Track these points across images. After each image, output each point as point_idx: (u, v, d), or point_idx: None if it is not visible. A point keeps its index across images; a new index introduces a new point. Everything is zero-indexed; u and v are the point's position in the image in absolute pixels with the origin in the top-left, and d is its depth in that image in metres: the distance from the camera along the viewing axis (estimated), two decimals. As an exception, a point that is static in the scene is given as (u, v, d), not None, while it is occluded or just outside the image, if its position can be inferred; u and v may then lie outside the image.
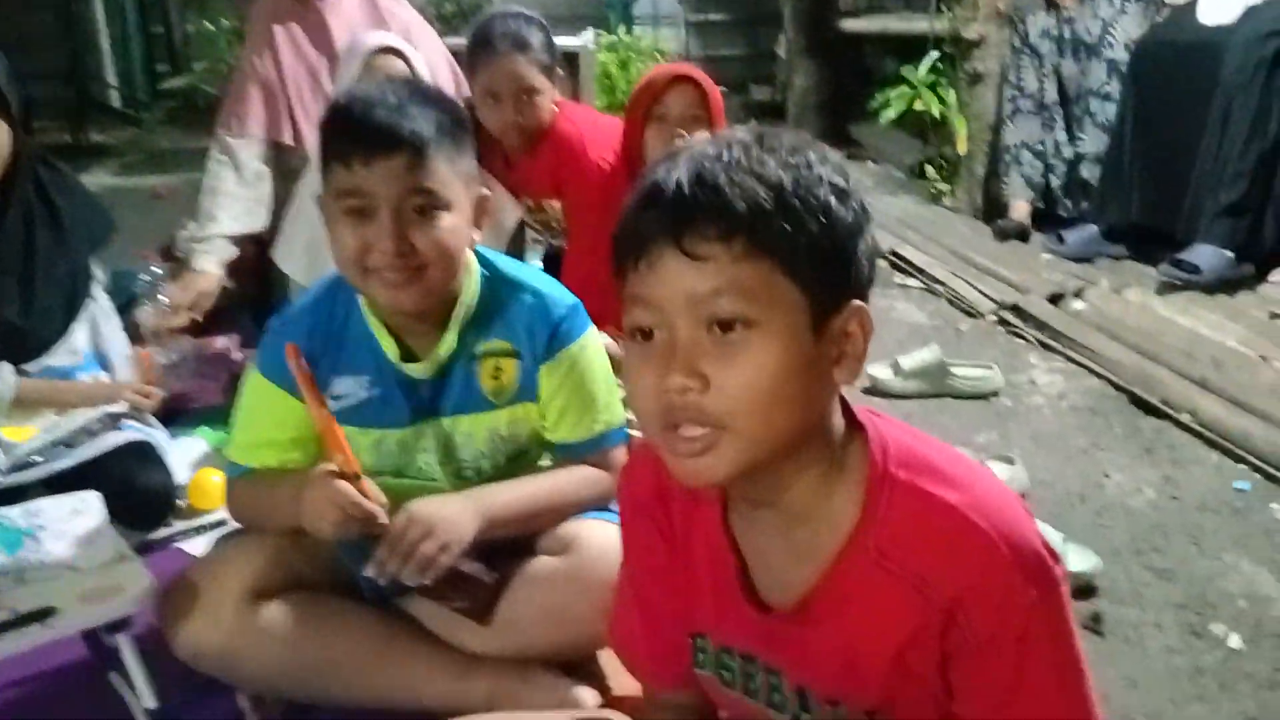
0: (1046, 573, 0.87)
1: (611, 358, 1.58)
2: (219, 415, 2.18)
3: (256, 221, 2.67)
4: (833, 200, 0.83)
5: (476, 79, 2.45)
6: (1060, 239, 3.62)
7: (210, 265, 2.61)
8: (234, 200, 2.64)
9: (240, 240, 2.67)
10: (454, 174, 1.37)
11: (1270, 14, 3.10)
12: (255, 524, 1.51)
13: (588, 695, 1.44)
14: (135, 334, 2.44)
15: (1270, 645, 1.70)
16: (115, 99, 7.11)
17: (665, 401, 0.83)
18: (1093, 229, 3.59)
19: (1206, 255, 3.09)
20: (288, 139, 2.68)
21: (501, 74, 2.40)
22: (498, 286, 1.48)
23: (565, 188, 2.49)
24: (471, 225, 1.41)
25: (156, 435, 2.09)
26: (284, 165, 2.71)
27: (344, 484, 1.30)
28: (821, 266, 0.83)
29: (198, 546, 1.94)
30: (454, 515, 1.35)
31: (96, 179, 5.39)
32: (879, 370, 2.68)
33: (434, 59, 2.68)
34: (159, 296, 2.54)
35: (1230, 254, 3.10)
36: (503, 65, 2.40)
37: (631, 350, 0.87)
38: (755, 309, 0.81)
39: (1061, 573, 0.89)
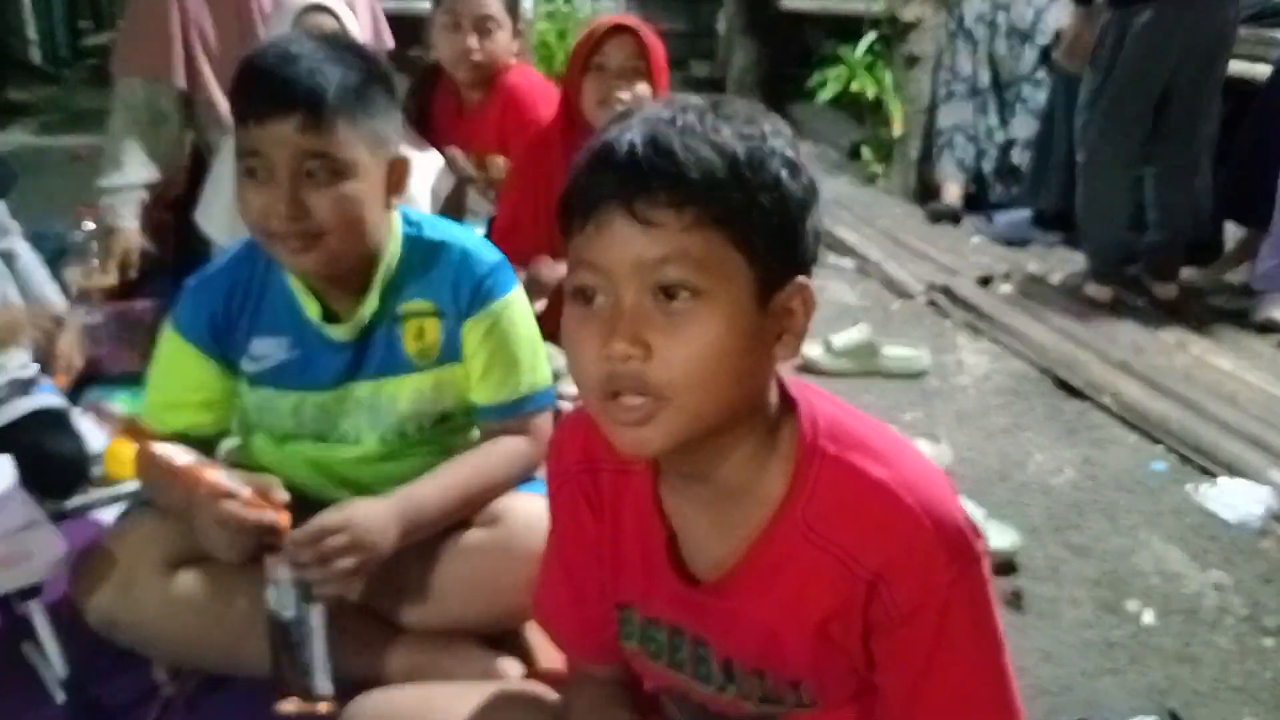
0: (968, 548, 0.88)
1: (539, 281, 1.56)
2: (137, 381, 2.12)
3: (160, 168, 2.53)
4: (784, 174, 0.82)
5: (438, 14, 2.47)
6: (990, 221, 3.69)
7: (130, 220, 2.50)
8: (134, 145, 2.50)
9: (156, 195, 2.57)
10: (358, 137, 1.31)
11: None
12: (156, 502, 1.45)
13: (511, 666, 1.43)
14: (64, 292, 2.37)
15: (1179, 620, 1.75)
16: (35, 56, 6.87)
17: (607, 369, 0.81)
18: (1023, 213, 3.65)
19: None
20: (180, 82, 2.50)
21: (464, 1, 2.44)
22: (421, 246, 1.45)
23: (510, 141, 2.47)
24: (384, 190, 1.37)
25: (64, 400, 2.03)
26: (196, 117, 2.57)
27: (228, 504, 1.25)
28: (770, 240, 0.82)
29: (113, 515, 1.89)
30: (379, 530, 1.30)
31: (14, 138, 5.22)
32: (810, 348, 2.70)
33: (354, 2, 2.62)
34: (90, 257, 2.46)
35: None
36: None
37: (573, 313, 0.85)
38: (703, 279, 0.80)
39: (983, 549, 0.90)
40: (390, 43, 2.54)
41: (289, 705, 1.25)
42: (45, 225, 2.96)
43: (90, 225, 2.48)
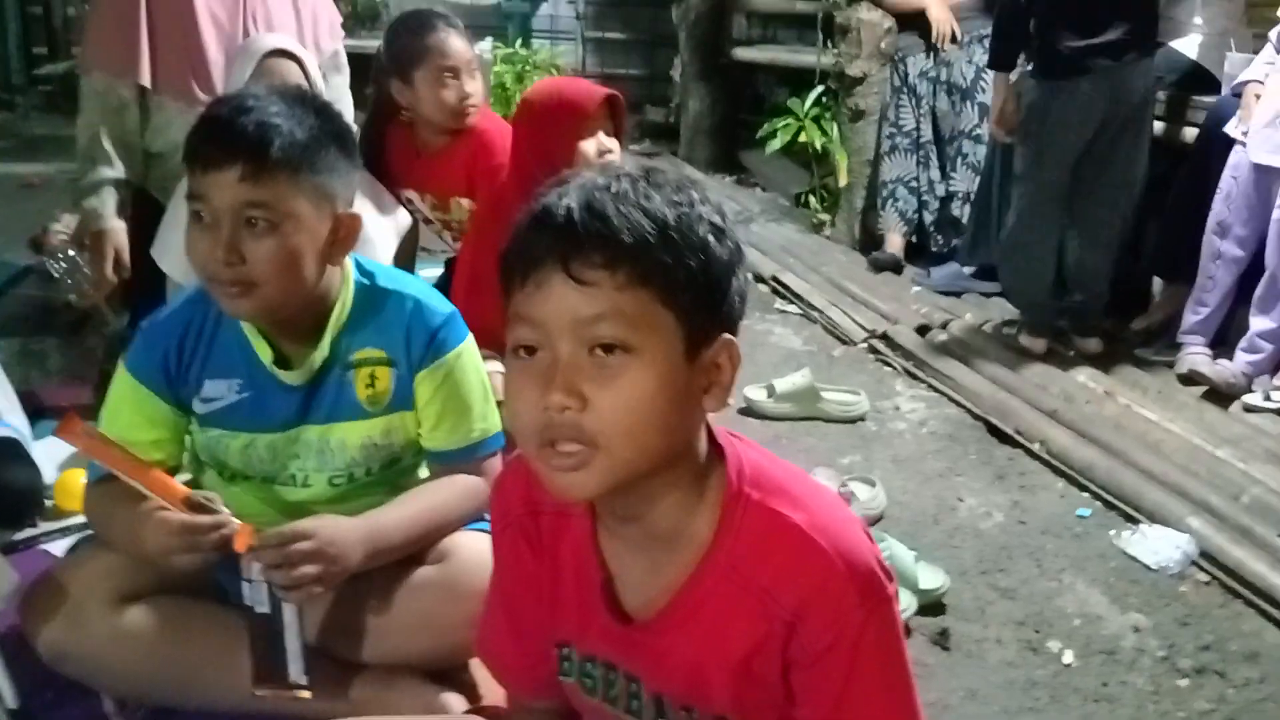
0: (879, 589, 0.95)
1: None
2: (88, 415, 2.14)
3: (134, 159, 2.47)
4: (711, 239, 0.89)
5: (423, 63, 2.47)
6: (928, 274, 3.81)
7: (113, 218, 2.43)
8: (104, 140, 2.43)
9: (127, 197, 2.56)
10: (300, 190, 1.35)
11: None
12: (104, 539, 1.49)
13: (455, 701, 1.47)
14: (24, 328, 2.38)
15: (1099, 661, 1.83)
16: (-13, 82, 6.82)
17: (544, 418, 0.86)
18: (956, 267, 3.79)
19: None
20: (143, 79, 2.42)
21: (455, 47, 2.49)
22: (374, 295, 1.50)
23: (478, 184, 2.50)
24: (328, 244, 1.40)
25: (22, 431, 2.04)
26: (149, 120, 2.50)
27: (170, 515, 1.32)
28: (697, 299, 0.88)
29: (63, 549, 1.90)
30: (345, 546, 1.35)
31: (-36, 165, 5.18)
32: (754, 392, 2.77)
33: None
34: (82, 271, 2.45)
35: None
36: (453, 40, 2.49)
37: (513, 366, 0.90)
38: (635, 335, 0.86)
39: (893, 591, 0.97)
40: (340, 41, 2.59)
41: (265, 690, 1.35)
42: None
43: (70, 251, 2.47)
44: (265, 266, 1.34)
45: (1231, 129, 2.93)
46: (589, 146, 2.08)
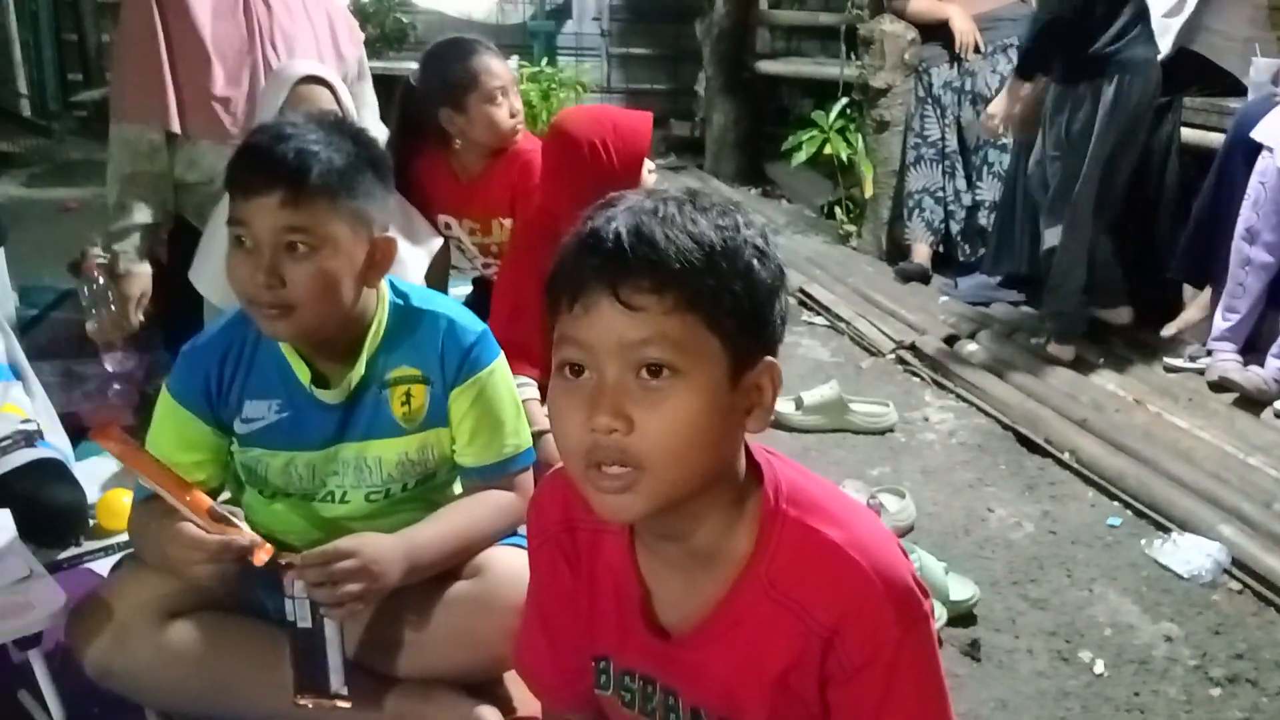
0: (916, 607, 0.96)
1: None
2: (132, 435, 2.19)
3: (158, 209, 2.54)
4: (755, 263, 0.91)
5: (476, 88, 2.51)
6: (955, 284, 3.81)
7: (140, 263, 2.54)
8: (134, 188, 2.51)
9: (156, 242, 2.62)
10: (338, 215, 1.39)
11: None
12: (141, 554, 1.53)
13: (490, 715, 1.49)
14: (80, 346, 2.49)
15: (1130, 671, 1.83)
16: (25, 108, 6.95)
17: (591, 440, 0.88)
18: (984, 277, 3.78)
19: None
20: (173, 126, 2.50)
21: (500, 68, 2.55)
22: (409, 315, 1.53)
23: (521, 204, 2.53)
24: (362, 266, 1.43)
25: (65, 452, 2.09)
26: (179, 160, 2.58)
27: (189, 528, 1.35)
28: (742, 323, 0.90)
29: (107, 567, 1.94)
30: (386, 564, 1.39)
31: (2, 190, 5.28)
32: (781, 404, 2.79)
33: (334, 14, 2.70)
34: (109, 305, 2.52)
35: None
36: (496, 62, 2.56)
37: (559, 386, 0.92)
38: (681, 359, 0.87)
39: (929, 608, 0.98)
40: (360, 46, 2.65)
41: (306, 700, 1.39)
42: (36, 279, 3.04)
43: (99, 280, 2.53)
44: (304, 289, 1.38)
45: (1260, 135, 2.92)
46: (645, 173, 2.17)
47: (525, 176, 2.51)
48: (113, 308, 2.50)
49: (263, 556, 1.35)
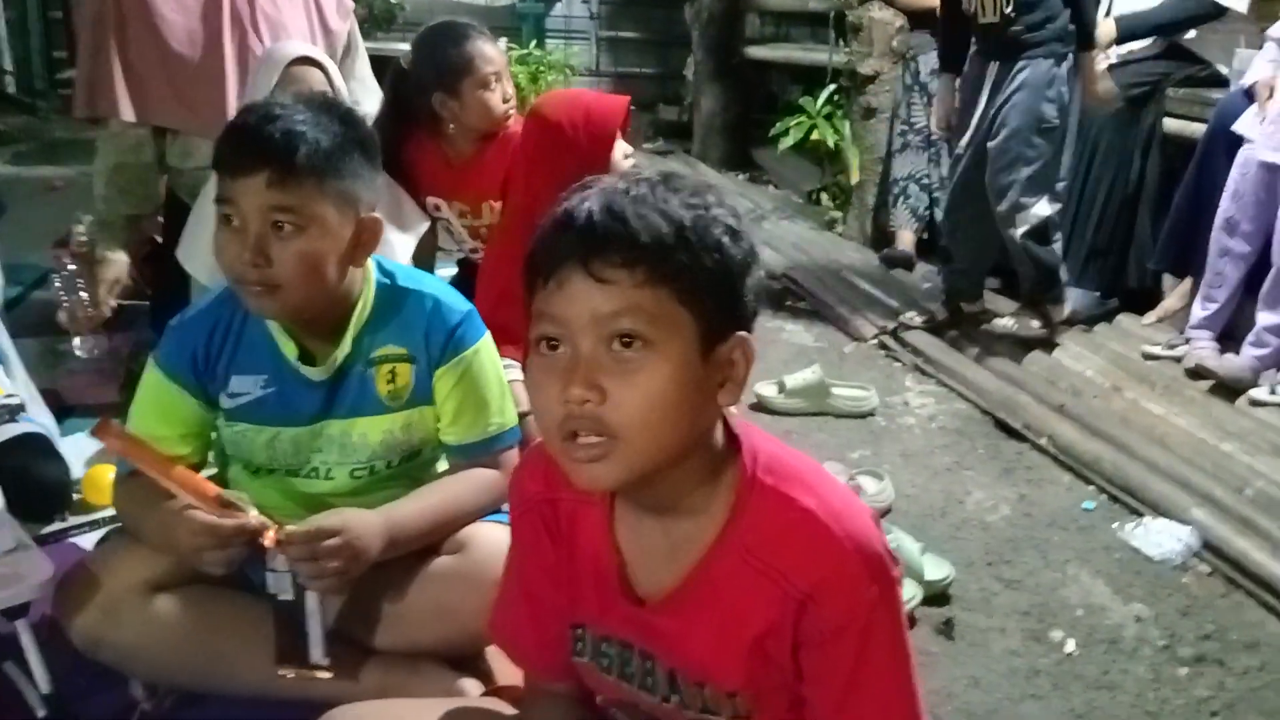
0: (886, 572, 0.99)
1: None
2: (115, 413, 2.20)
3: (140, 200, 2.57)
4: (726, 240, 0.93)
5: (470, 72, 2.53)
6: (939, 272, 3.83)
7: (116, 249, 2.56)
8: (115, 180, 2.54)
9: (137, 229, 2.63)
10: (324, 195, 1.40)
11: (1133, 69, 3.35)
12: (135, 534, 1.54)
13: (472, 685, 1.51)
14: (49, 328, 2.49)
15: (1101, 650, 1.87)
16: (10, 85, 6.91)
17: (566, 410, 0.91)
18: None
19: (1077, 297, 3.34)
20: (128, 115, 2.48)
21: (493, 53, 2.56)
22: (395, 294, 1.55)
23: (510, 188, 2.51)
24: (348, 246, 1.44)
25: (49, 427, 2.11)
26: (178, 142, 2.59)
27: (200, 514, 1.36)
28: (713, 298, 0.93)
29: (92, 541, 1.95)
30: (367, 540, 1.40)
31: (-11, 167, 5.27)
32: (765, 388, 2.82)
33: None
34: (78, 292, 2.54)
35: (1097, 294, 3.39)
36: (489, 46, 2.57)
37: (536, 361, 0.95)
38: (652, 331, 0.90)
39: (898, 574, 1.01)
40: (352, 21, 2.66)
41: (288, 670, 1.41)
42: (20, 256, 3.04)
43: (71, 265, 2.55)
44: (290, 268, 1.39)
45: (1241, 127, 2.95)
46: (617, 154, 2.17)
47: (516, 159, 2.51)
48: (83, 295, 2.52)
49: (273, 537, 1.37)
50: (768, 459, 1.02)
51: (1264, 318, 2.85)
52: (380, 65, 2.87)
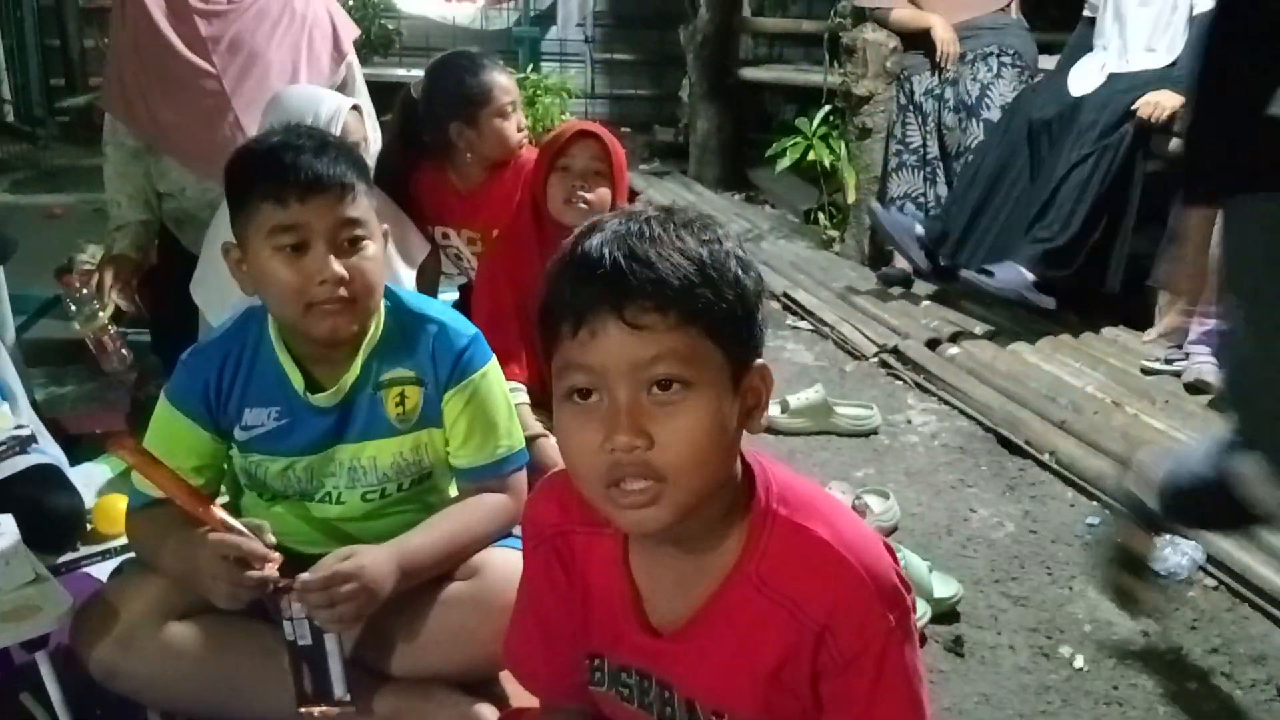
0: (901, 601, 1.01)
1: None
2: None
3: (150, 204, 2.60)
4: (740, 272, 0.95)
5: (489, 102, 2.55)
6: (991, 274, 3.78)
7: (126, 248, 2.57)
8: (126, 185, 2.58)
9: (145, 250, 2.65)
10: (370, 205, 1.49)
11: (1126, 82, 3.37)
12: (150, 564, 1.55)
13: (487, 711, 1.53)
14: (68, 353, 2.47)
15: (1109, 665, 1.88)
16: (9, 114, 6.94)
17: (612, 459, 0.92)
18: (1021, 271, 3.76)
19: (1006, 269, 3.34)
20: (136, 128, 2.55)
21: (507, 82, 2.59)
22: (402, 318, 1.57)
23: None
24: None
25: (59, 458, 2.11)
26: (157, 168, 2.60)
27: (224, 536, 1.39)
28: (736, 330, 0.94)
29: (105, 571, 1.96)
30: (380, 577, 1.41)
31: (-12, 196, 5.28)
32: (769, 408, 2.82)
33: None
34: (97, 315, 2.53)
35: (1030, 276, 3.34)
36: (502, 76, 2.59)
37: (567, 410, 0.95)
38: (689, 371, 0.92)
39: (911, 601, 1.03)
40: (356, 31, 2.69)
41: (312, 709, 1.42)
42: (23, 285, 3.04)
43: (83, 290, 2.55)
44: (362, 281, 1.46)
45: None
46: (560, 181, 2.23)
47: (526, 187, 2.54)
48: (99, 312, 2.52)
49: (272, 569, 1.38)
50: (781, 488, 1.03)
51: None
52: (377, 91, 2.89)
